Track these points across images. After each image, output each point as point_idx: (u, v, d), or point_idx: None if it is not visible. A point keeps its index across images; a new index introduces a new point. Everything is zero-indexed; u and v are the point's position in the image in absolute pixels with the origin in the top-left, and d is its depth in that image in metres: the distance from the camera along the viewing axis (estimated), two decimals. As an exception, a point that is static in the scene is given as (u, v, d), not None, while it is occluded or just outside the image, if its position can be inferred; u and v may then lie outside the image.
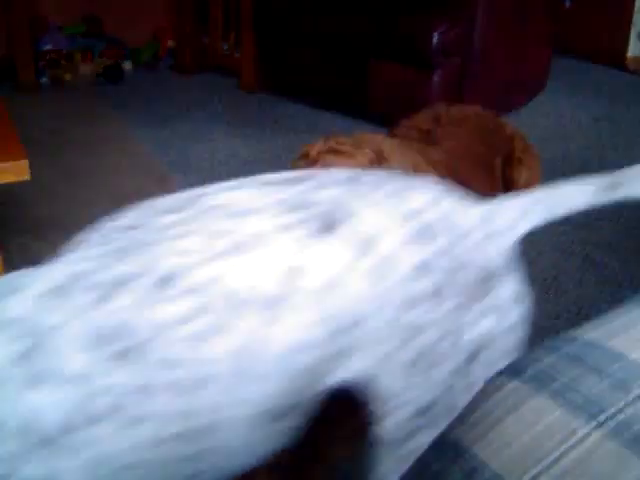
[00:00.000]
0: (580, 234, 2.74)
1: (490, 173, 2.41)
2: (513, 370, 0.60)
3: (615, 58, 4.96)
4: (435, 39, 3.40)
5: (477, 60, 3.58)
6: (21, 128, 1.80)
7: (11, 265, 2.42)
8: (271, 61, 4.28)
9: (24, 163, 1.64)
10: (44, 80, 4.57)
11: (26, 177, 1.67)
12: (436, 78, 3.49)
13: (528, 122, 3.93)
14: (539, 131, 3.82)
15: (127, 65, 4.84)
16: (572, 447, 0.51)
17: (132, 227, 0.93)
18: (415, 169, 1.91)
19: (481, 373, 0.94)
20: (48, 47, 4.61)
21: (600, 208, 2.88)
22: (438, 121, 2.47)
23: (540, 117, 4.04)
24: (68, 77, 4.60)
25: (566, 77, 4.68)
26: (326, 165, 1.71)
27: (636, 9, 4.89)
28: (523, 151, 2.52)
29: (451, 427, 0.60)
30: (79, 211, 2.90)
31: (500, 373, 0.61)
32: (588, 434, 0.51)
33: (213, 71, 4.79)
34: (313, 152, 1.77)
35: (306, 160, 1.77)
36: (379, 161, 1.78)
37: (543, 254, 2.61)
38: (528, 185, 2.50)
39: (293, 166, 1.82)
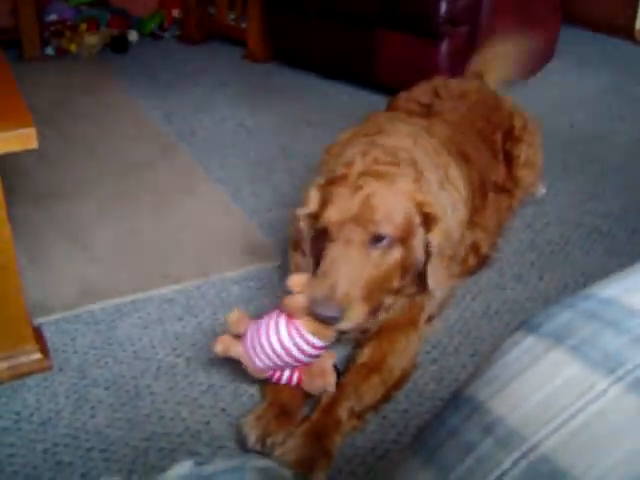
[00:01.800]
0: (588, 205, 2.73)
1: (491, 147, 2.42)
2: (529, 326, 0.60)
3: (624, 30, 4.91)
4: (443, 8, 3.36)
5: (485, 30, 3.54)
6: (26, 98, 1.79)
7: (18, 235, 2.43)
8: (277, 31, 4.25)
9: (32, 131, 1.64)
10: (49, 50, 4.54)
11: (34, 146, 1.66)
12: (444, 48, 3.46)
13: (536, 92, 3.90)
14: (547, 101, 3.79)
15: (132, 35, 4.80)
16: (590, 401, 0.51)
17: None
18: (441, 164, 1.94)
19: None
20: (53, 17, 4.57)
21: (608, 179, 2.89)
22: (437, 94, 2.48)
23: (548, 87, 4.01)
24: (73, 47, 4.57)
25: (575, 48, 4.64)
26: (371, 194, 1.68)
27: (646, -20, 4.84)
28: (522, 128, 2.54)
29: (467, 383, 0.60)
30: (85, 181, 2.90)
31: (516, 329, 0.61)
32: (606, 389, 0.51)
33: (219, 41, 4.76)
34: (353, 175, 1.72)
35: (346, 184, 1.72)
36: (417, 170, 1.78)
37: (550, 225, 2.60)
38: (529, 161, 2.52)
39: (329, 187, 1.76)
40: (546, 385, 0.54)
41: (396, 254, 1.70)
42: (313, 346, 1.64)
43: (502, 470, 0.51)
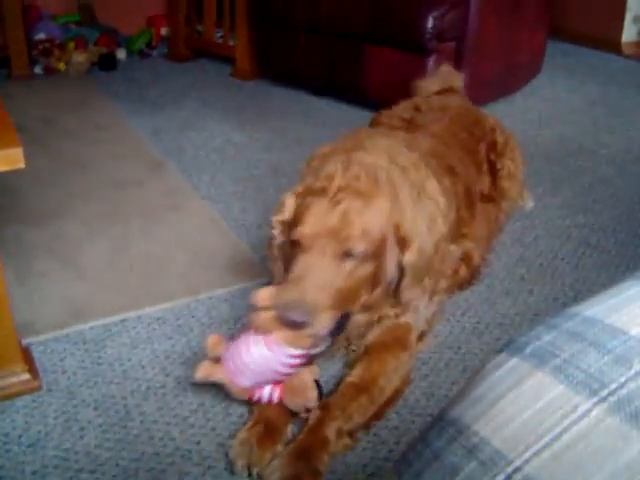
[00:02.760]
0: (577, 218, 2.74)
1: (475, 158, 2.44)
2: (513, 348, 0.60)
3: (610, 43, 4.95)
4: (430, 24, 3.38)
5: (472, 45, 3.57)
6: (14, 117, 1.79)
7: (7, 254, 2.42)
8: (265, 48, 4.26)
9: (19, 151, 1.63)
10: (37, 69, 4.55)
11: (21, 165, 1.66)
12: (431, 63, 3.47)
13: (523, 106, 3.93)
14: (534, 115, 3.81)
15: (121, 53, 4.82)
16: (574, 422, 0.51)
17: None
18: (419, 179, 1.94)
19: None
20: (41, 36, 4.58)
21: (597, 192, 2.90)
22: (418, 109, 2.51)
23: (536, 101, 4.03)
24: (61, 66, 4.58)
25: (561, 61, 4.67)
26: (349, 210, 1.69)
27: (630, -6, 4.88)
28: (505, 144, 2.57)
29: (451, 405, 0.60)
30: (73, 200, 2.89)
31: (500, 351, 0.61)
32: (590, 409, 0.51)
33: (207, 58, 4.78)
34: (332, 189, 1.73)
35: (324, 197, 1.73)
36: (394, 190, 1.79)
37: (539, 238, 2.61)
38: (511, 174, 2.54)
39: (308, 199, 1.76)
40: (530, 406, 0.54)
41: (367, 268, 1.72)
42: (292, 356, 1.64)
43: (486, 493, 0.51)
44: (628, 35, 4.97)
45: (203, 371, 1.72)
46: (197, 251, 2.54)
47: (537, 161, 2.98)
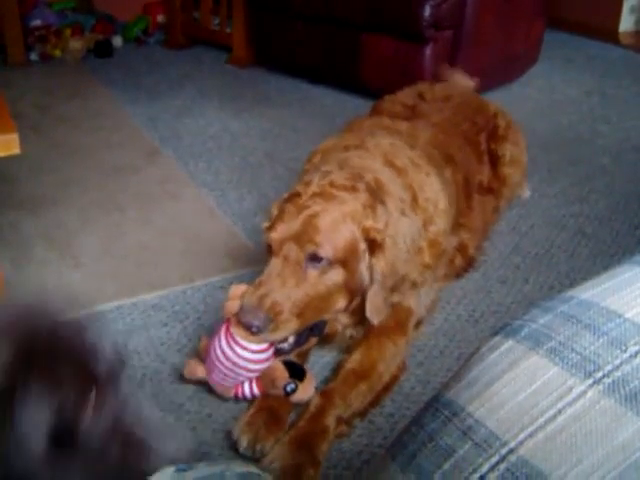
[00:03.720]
0: (572, 208, 2.74)
1: (476, 148, 2.43)
2: (508, 330, 0.60)
3: (607, 32, 4.95)
4: (427, 12, 3.38)
5: (469, 33, 3.56)
6: (10, 104, 1.79)
7: (3, 241, 2.41)
8: (262, 35, 4.25)
9: (14, 137, 1.63)
10: (33, 56, 4.54)
11: (16, 151, 1.66)
12: (428, 51, 3.47)
13: (520, 95, 3.92)
14: (531, 104, 3.81)
15: (117, 40, 4.80)
16: (568, 404, 0.51)
17: None
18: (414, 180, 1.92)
19: None
20: (37, 23, 4.57)
21: (593, 182, 2.90)
22: (422, 97, 2.51)
23: (533, 90, 4.03)
24: (57, 53, 4.56)
25: (559, 51, 4.66)
26: (314, 214, 1.69)
27: (628, -17, 4.87)
28: (506, 128, 2.57)
29: (446, 388, 0.60)
30: (69, 187, 2.88)
31: (495, 334, 0.61)
32: (584, 391, 0.51)
33: (203, 46, 4.76)
34: (306, 195, 1.73)
35: (296, 203, 1.73)
36: (375, 197, 1.77)
37: (535, 227, 2.61)
38: (514, 160, 2.54)
39: (282, 204, 1.77)
40: (525, 388, 0.54)
41: (335, 276, 1.69)
42: (251, 350, 1.65)
43: (480, 474, 0.51)
44: (625, 25, 4.96)
45: (188, 369, 1.77)
46: (193, 238, 2.53)
47: (534, 150, 2.98)
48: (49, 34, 4.56)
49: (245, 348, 1.65)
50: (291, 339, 1.72)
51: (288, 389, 1.70)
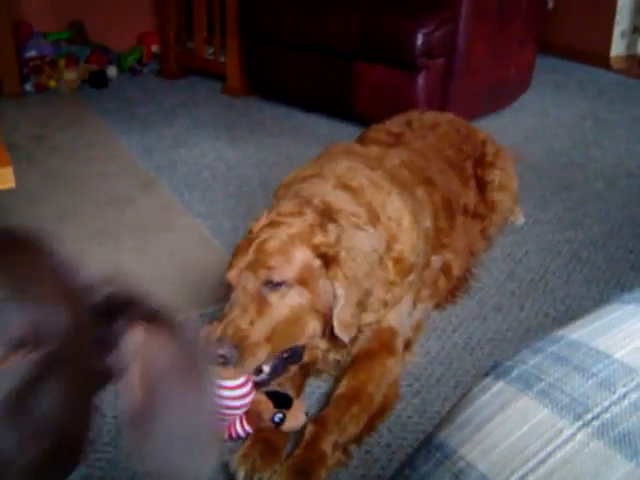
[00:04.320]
0: (567, 233, 2.75)
1: (460, 173, 2.46)
2: (499, 371, 0.60)
3: (599, 57, 4.99)
4: (419, 40, 3.40)
5: (461, 61, 3.59)
6: (5, 135, 1.80)
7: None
8: (256, 65, 4.28)
9: (9, 171, 1.64)
10: (28, 86, 4.55)
11: (11, 185, 1.66)
12: (420, 79, 3.49)
13: (513, 121, 3.95)
14: (524, 130, 3.83)
15: (112, 71, 4.83)
16: (558, 447, 0.51)
17: None
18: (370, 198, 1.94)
19: None
20: (32, 53, 4.60)
21: (587, 207, 2.91)
22: (410, 125, 2.54)
23: (525, 116, 4.06)
24: (52, 83, 4.58)
25: (550, 76, 4.70)
26: (264, 241, 1.73)
27: (619, 8, 4.92)
28: (495, 155, 2.60)
29: (438, 429, 0.60)
30: (64, 218, 2.89)
31: (486, 375, 0.61)
32: (574, 434, 0.51)
33: (198, 75, 4.79)
34: (256, 228, 1.79)
35: (247, 239, 1.79)
36: (325, 216, 1.79)
37: (530, 253, 2.62)
38: (503, 185, 2.57)
39: (236, 244, 1.84)
40: (516, 431, 0.54)
41: (298, 297, 1.71)
42: (228, 388, 1.65)
43: (473, 518, 0.51)
44: (617, 49, 5.01)
45: None
46: (188, 269, 2.53)
47: (527, 176, 2.99)
48: (44, 65, 4.58)
49: (222, 387, 1.64)
50: (267, 369, 1.73)
51: (276, 419, 1.70)
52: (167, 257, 2.61)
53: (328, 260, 1.73)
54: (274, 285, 1.69)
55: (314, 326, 1.76)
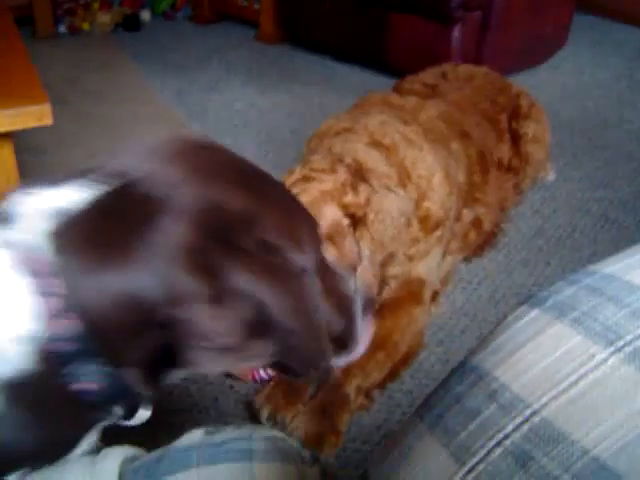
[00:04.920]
0: (597, 193, 2.74)
1: (496, 126, 2.44)
2: (534, 300, 0.62)
3: (636, 17, 4.90)
4: (456, -8, 3.37)
5: (497, 14, 3.54)
6: (39, 76, 1.81)
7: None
8: (290, 12, 4.25)
9: (47, 107, 1.65)
10: (61, 28, 4.56)
11: (48, 122, 1.68)
12: (456, 32, 3.46)
13: (548, 78, 3.91)
14: (558, 88, 3.79)
15: (145, 14, 4.82)
16: (590, 370, 0.53)
17: None
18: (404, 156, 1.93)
19: None
20: (66, -5, 4.59)
21: (618, 167, 2.89)
22: (445, 77, 2.52)
23: (560, 74, 4.01)
24: (86, 26, 4.59)
25: (587, 35, 4.63)
26: (296, 193, 1.70)
27: (660, -34, 4.82)
28: (529, 107, 2.58)
29: (473, 353, 0.62)
30: (95, 160, 2.91)
31: (521, 303, 0.63)
32: (606, 359, 0.53)
33: (231, 21, 4.77)
34: (289, 182, 1.78)
35: None
36: (357, 176, 1.79)
37: (559, 211, 2.61)
38: (537, 138, 2.55)
39: None
40: (549, 355, 0.56)
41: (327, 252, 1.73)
42: None
43: (505, 434, 0.54)
44: (656, 10, 4.92)
45: None
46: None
47: (560, 134, 2.97)
48: (77, 7, 4.58)
49: None
50: None
51: None
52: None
53: (356, 221, 1.74)
54: None
55: None
